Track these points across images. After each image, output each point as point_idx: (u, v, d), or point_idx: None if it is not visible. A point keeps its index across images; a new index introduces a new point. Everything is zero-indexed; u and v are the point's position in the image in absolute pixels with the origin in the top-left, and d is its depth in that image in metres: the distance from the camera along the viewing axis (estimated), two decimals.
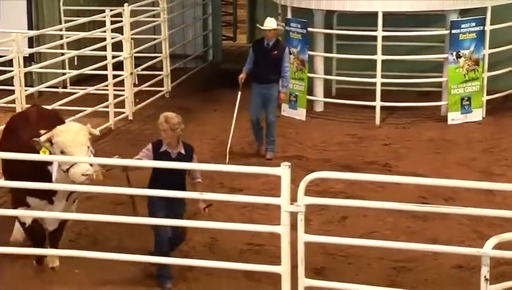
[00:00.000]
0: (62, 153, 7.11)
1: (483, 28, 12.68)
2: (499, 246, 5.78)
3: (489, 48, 12.93)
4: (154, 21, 14.73)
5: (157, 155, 7.53)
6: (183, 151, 7.64)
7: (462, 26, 12.60)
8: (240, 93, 11.23)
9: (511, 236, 6.12)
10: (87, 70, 12.88)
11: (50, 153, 7.16)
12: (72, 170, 6.96)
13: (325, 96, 13.67)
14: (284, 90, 11.49)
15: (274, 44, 11.26)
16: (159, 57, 14.61)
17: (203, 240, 8.58)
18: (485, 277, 5.83)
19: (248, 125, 11.68)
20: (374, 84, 12.83)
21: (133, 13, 13.58)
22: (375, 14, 12.57)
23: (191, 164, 7.55)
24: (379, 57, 12.69)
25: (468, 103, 12.80)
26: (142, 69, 13.87)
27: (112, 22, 12.86)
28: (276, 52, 11.23)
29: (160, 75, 14.48)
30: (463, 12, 12.85)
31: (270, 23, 11.24)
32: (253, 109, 11.39)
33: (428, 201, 9.36)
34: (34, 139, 7.15)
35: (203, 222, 7.67)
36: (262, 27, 11.47)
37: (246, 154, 11.69)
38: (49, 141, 7.16)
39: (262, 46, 11.36)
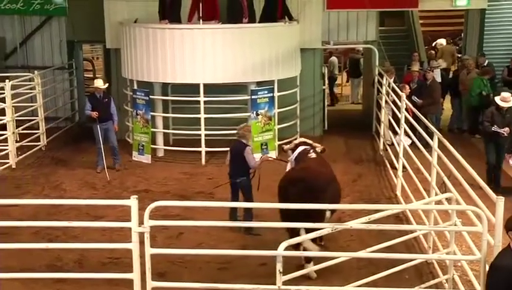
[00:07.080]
0: None
1: (273, 94, 13.09)
2: (290, 249, 5.90)
3: (278, 108, 13.32)
4: (31, 92, 13.98)
5: None
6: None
7: (259, 93, 12.91)
8: (98, 125, 11.76)
9: (297, 240, 6.28)
10: None
11: None
12: None
13: (164, 145, 13.53)
14: (115, 123, 12.12)
15: (103, 95, 11.96)
16: (35, 119, 13.88)
17: (74, 257, 8.10)
18: (279, 270, 5.92)
19: None
20: (200, 135, 12.89)
21: (14, 87, 12.82)
22: (198, 84, 12.69)
23: None
24: (202, 116, 12.78)
25: (266, 146, 13.08)
26: (23, 129, 13.05)
27: None
28: (106, 100, 12.02)
29: (37, 133, 13.74)
30: (259, 83, 13.19)
31: (100, 83, 11.96)
32: (99, 142, 11.91)
33: None
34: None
35: (72, 244, 7.26)
36: (95, 85, 12.06)
37: (110, 186, 11.45)
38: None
39: (96, 98, 11.96)
